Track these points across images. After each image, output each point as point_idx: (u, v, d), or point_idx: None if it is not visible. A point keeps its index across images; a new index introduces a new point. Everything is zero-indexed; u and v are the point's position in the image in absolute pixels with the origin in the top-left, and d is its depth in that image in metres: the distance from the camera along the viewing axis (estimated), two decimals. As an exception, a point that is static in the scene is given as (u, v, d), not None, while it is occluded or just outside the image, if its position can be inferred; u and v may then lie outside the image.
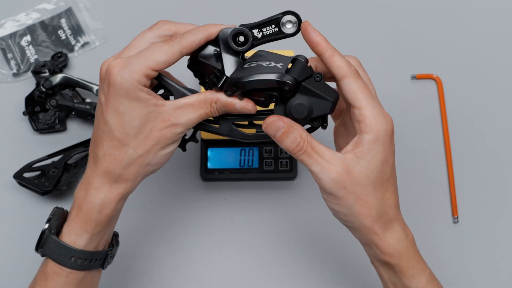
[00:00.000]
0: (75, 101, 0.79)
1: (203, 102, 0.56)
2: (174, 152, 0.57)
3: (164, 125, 0.55)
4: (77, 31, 0.86)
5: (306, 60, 0.56)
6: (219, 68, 0.56)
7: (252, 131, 0.59)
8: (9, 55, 0.85)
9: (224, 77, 0.55)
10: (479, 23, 0.87)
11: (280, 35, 0.56)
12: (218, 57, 0.56)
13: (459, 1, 0.88)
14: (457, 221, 0.76)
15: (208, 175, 0.76)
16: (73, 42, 0.86)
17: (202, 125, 0.59)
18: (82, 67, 0.84)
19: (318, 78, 0.54)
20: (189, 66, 0.59)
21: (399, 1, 0.88)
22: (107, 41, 0.86)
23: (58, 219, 0.58)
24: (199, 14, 0.87)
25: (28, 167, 0.75)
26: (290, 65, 0.55)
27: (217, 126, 0.59)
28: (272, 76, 0.53)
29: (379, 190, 0.55)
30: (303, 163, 0.55)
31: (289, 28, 0.55)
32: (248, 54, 0.58)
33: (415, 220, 0.76)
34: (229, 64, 0.56)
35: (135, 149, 0.55)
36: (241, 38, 0.55)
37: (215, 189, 0.78)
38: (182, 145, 0.60)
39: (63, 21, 0.87)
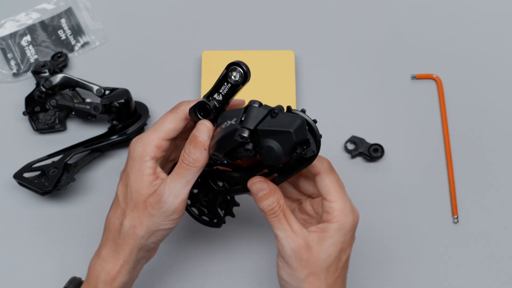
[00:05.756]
0: (75, 101, 0.79)
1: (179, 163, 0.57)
2: (167, 235, 0.60)
3: (154, 200, 0.57)
4: (77, 31, 0.86)
5: (260, 104, 0.55)
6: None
7: None
8: (9, 55, 0.85)
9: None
10: (479, 23, 0.87)
11: (235, 88, 0.56)
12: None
13: (459, 1, 0.88)
14: (457, 221, 0.76)
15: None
16: (73, 42, 0.86)
17: (228, 191, 0.62)
18: (82, 67, 0.84)
19: (274, 114, 0.54)
20: None
21: (399, 1, 0.88)
22: (107, 41, 0.86)
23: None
24: (199, 14, 0.87)
25: (28, 167, 0.75)
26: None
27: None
28: (231, 135, 0.54)
29: (331, 275, 0.57)
30: (271, 225, 0.58)
31: (235, 78, 0.56)
32: None
33: (415, 220, 0.76)
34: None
35: (129, 220, 0.58)
36: (203, 110, 0.58)
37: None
38: (223, 221, 0.64)
39: (63, 21, 0.87)
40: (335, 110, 0.81)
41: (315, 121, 0.55)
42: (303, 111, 0.55)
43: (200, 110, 0.58)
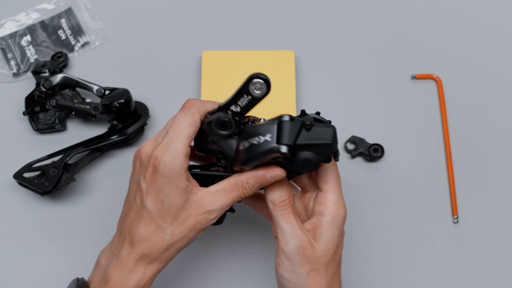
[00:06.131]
0: (75, 101, 0.79)
1: (235, 185, 0.57)
2: None
3: (199, 212, 0.57)
4: (77, 31, 0.86)
5: (291, 117, 0.55)
6: (220, 150, 0.58)
7: None
8: (9, 55, 0.85)
9: (229, 160, 0.58)
10: (480, 23, 0.87)
11: (255, 101, 0.56)
12: (214, 142, 0.58)
13: (459, 1, 0.88)
14: (457, 221, 0.76)
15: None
16: (73, 42, 0.86)
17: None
18: (82, 67, 0.84)
19: (308, 127, 0.55)
20: (198, 151, 0.61)
21: (399, 1, 0.88)
22: (107, 41, 0.86)
23: None
24: (199, 14, 0.87)
25: (28, 167, 0.75)
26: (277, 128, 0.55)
27: None
28: (269, 153, 0.54)
29: (330, 270, 0.58)
30: (276, 218, 0.58)
31: (258, 92, 0.55)
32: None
33: (415, 220, 0.76)
34: (228, 147, 0.57)
35: (171, 235, 0.57)
36: (223, 125, 0.57)
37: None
38: (222, 219, 0.63)
39: (63, 21, 0.87)
40: (335, 110, 0.81)
41: (330, 122, 0.57)
42: (318, 113, 0.57)
43: (217, 124, 0.57)
